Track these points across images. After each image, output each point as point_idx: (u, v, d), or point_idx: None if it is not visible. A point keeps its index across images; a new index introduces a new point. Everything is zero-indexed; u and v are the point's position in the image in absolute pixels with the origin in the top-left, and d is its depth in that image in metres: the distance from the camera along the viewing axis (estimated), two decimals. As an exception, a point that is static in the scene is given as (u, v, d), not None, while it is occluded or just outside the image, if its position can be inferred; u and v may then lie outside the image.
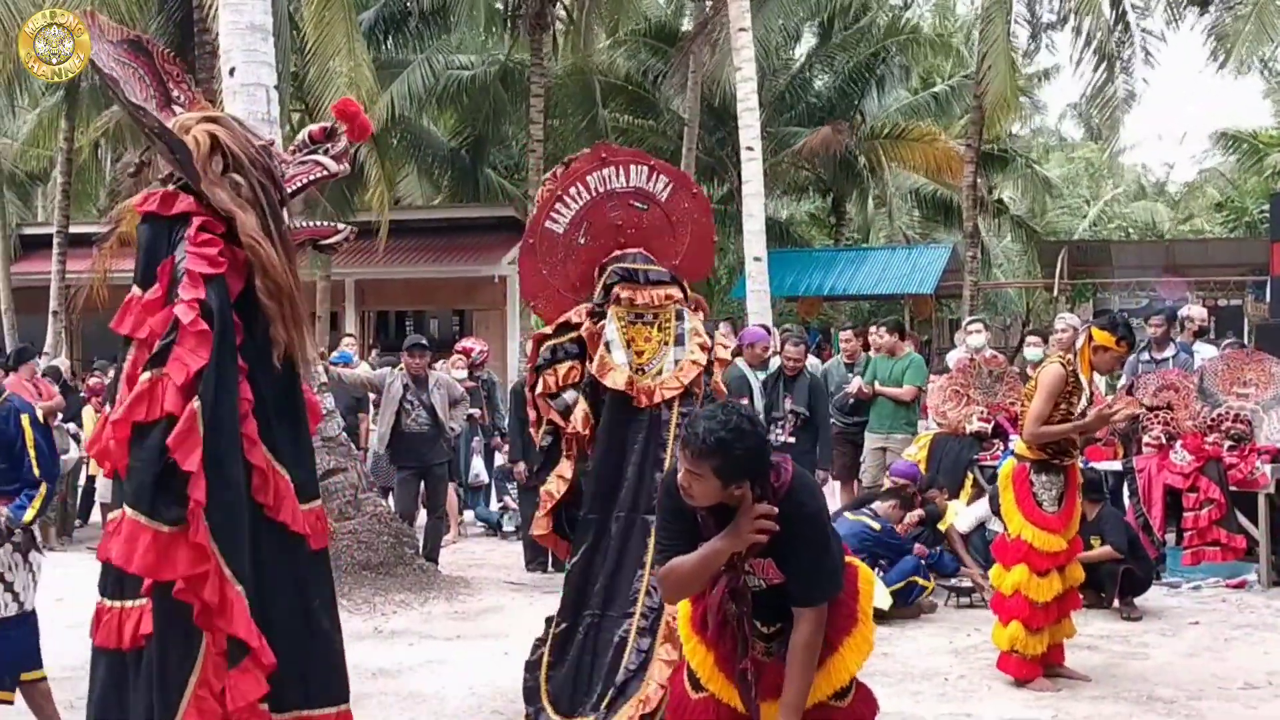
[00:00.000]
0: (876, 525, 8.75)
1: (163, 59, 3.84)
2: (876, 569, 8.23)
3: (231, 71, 9.76)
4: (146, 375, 3.39)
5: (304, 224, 3.81)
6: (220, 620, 3.39)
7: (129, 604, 3.50)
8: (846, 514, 9.00)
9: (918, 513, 9.20)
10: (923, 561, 8.72)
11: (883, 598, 7.89)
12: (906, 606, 8.46)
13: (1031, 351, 11.10)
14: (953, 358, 11.97)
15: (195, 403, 3.37)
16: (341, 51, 17.08)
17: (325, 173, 3.80)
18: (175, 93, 3.83)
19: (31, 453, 5.48)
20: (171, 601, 3.39)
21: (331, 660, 3.78)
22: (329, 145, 3.83)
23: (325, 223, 3.87)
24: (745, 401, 10.25)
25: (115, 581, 3.53)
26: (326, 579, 3.88)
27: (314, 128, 3.84)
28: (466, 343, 13.79)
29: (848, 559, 4.11)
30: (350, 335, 12.99)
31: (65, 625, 5.80)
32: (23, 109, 26.40)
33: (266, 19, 10.09)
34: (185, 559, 3.36)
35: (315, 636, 3.72)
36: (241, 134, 3.64)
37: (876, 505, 9.02)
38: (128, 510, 3.36)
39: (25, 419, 5.49)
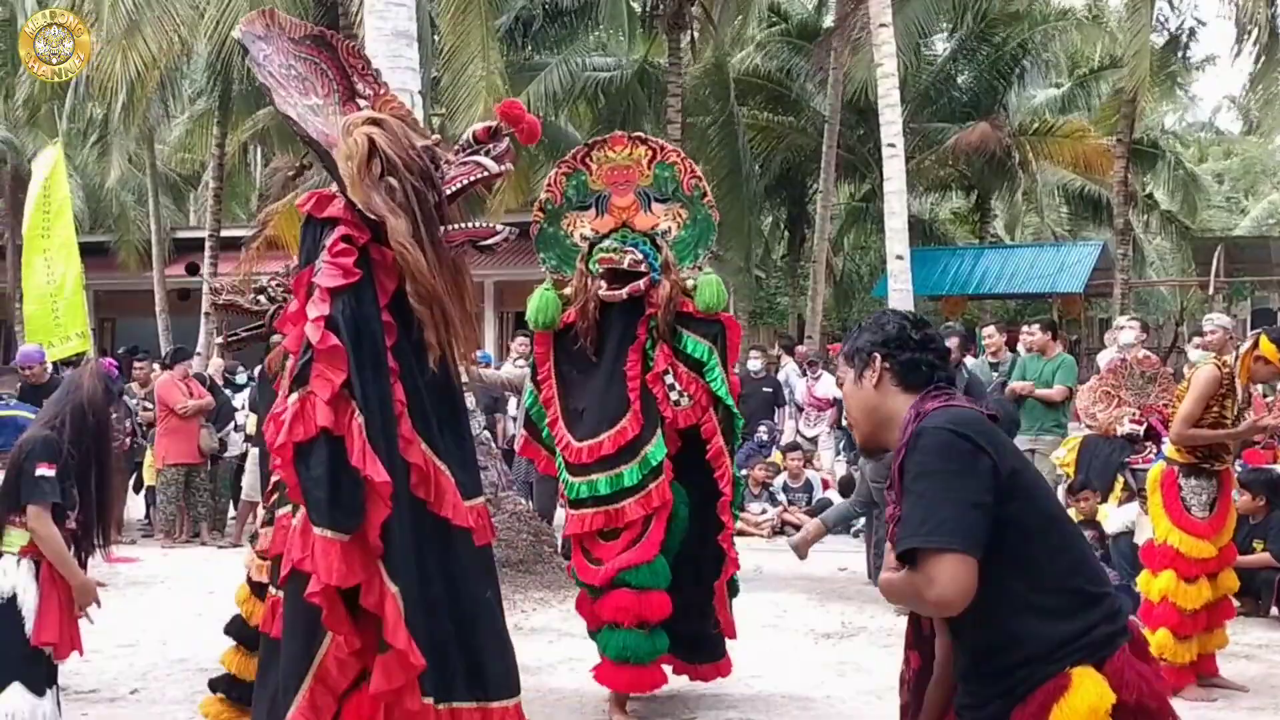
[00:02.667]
0: None
1: (347, 53, 3.88)
2: None
3: (376, 76, 9.92)
4: (295, 396, 3.47)
5: (462, 225, 3.81)
6: (381, 621, 3.45)
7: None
8: None
9: None
10: None
11: None
12: None
13: (1196, 354, 10.76)
14: (1104, 358, 11.65)
15: (359, 417, 3.44)
16: (477, 56, 17.29)
17: (485, 174, 3.80)
18: (360, 86, 3.87)
19: None
20: (299, 597, 3.46)
21: (505, 653, 3.84)
22: (491, 146, 3.82)
23: (484, 223, 3.87)
24: None
25: None
26: (493, 574, 3.94)
27: (479, 127, 3.81)
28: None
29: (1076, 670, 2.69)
30: (523, 337, 13.11)
31: (218, 619, 5.93)
32: (172, 114, 27.18)
33: (411, 25, 10.25)
34: (360, 563, 3.44)
35: (488, 629, 3.77)
36: (402, 137, 3.66)
37: None
38: (315, 529, 3.41)
39: None
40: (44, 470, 4.81)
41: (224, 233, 24.40)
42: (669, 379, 6.11)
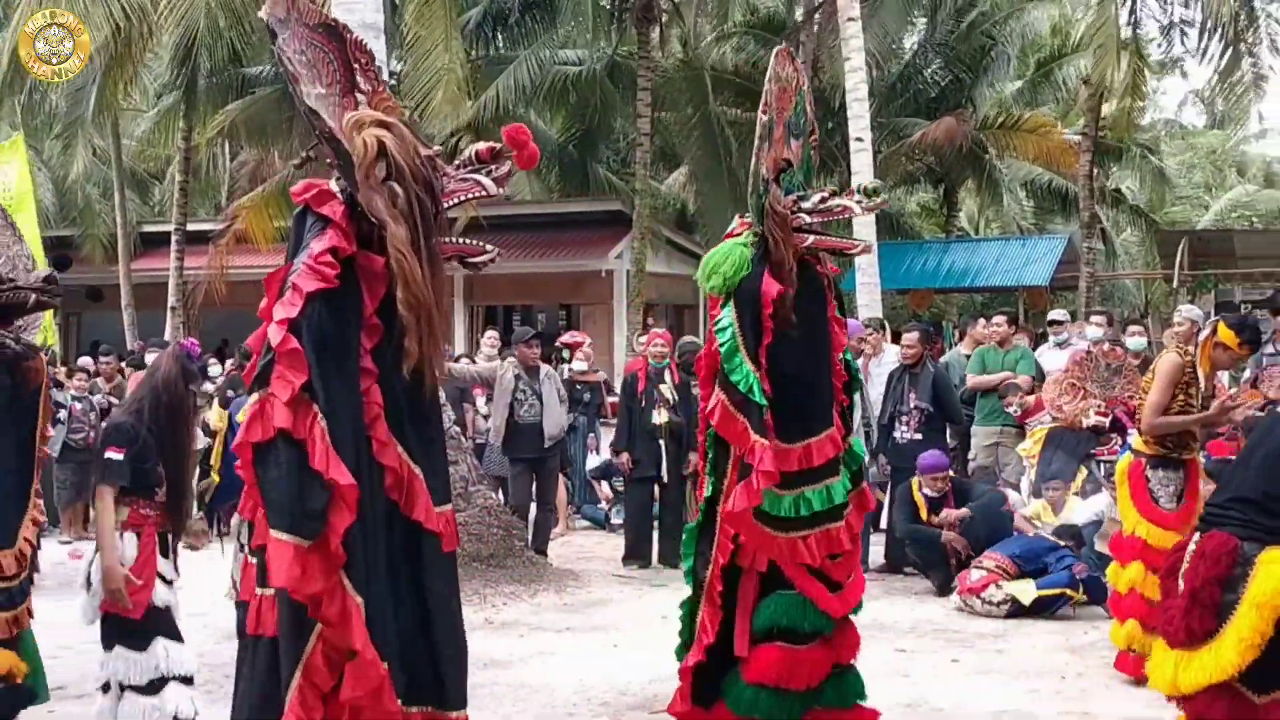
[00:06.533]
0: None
1: (354, 47, 3.87)
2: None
3: (344, 69, 9.90)
4: (254, 397, 3.48)
5: (456, 240, 3.86)
6: (339, 630, 3.45)
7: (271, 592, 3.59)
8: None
9: (959, 512, 9.26)
10: (1079, 577, 8.44)
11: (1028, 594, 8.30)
12: (1048, 613, 8.41)
13: (1134, 341, 10.88)
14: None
15: (322, 421, 3.43)
16: (439, 47, 17.26)
17: (483, 193, 3.83)
18: (361, 82, 3.87)
19: None
20: (287, 598, 3.46)
21: (461, 663, 3.84)
22: (493, 166, 3.84)
23: (473, 241, 3.90)
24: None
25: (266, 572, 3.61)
26: (456, 581, 3.93)
27: (481, 147, 3.85)
28: (575, 336, 13.88)
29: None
30: (493, 332, 13.28)
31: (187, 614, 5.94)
32: (137, 108, 26.93)
33: (378, 17, 10.22)
34: (320, 571, 3.43)
35: (448, 637, 3.77)
36: (410, 143, 3.67)
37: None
38: (271, 530, 3.41)
39: None
40: (112, 454, 5.16)
41: (191, 227, 24.22)
42: None
